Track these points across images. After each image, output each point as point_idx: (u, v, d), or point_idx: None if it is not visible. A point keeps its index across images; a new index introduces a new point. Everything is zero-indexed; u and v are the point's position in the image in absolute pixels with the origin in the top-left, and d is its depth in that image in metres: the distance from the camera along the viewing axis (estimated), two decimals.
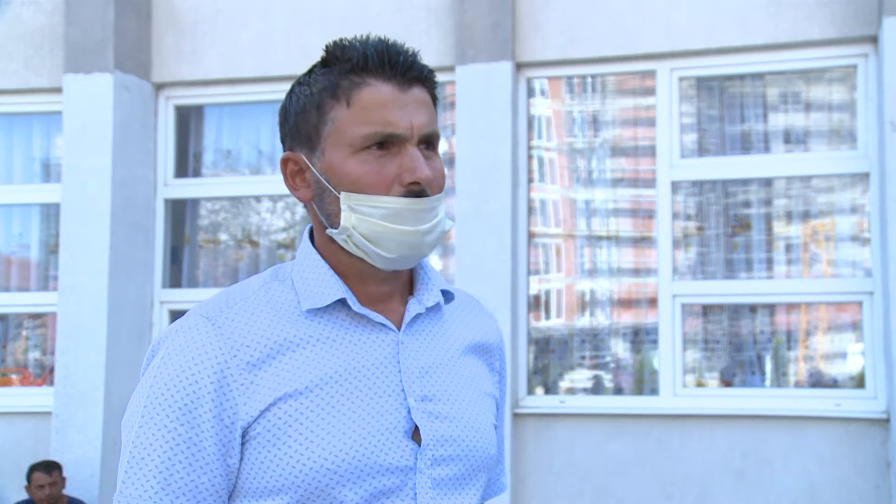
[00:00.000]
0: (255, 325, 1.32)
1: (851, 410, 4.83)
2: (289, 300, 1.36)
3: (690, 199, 5.30)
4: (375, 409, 1.32)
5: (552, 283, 5.55)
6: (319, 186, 1.36)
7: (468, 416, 1.40)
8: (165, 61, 5.81)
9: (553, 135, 5.59)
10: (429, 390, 1.37)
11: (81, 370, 5.38)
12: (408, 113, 1.33)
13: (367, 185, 1.32)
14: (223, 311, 1.33)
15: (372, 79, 1.33)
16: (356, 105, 1.32)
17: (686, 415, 5.01)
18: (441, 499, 1.34)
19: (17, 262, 6.11)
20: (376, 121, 1.32)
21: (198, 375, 1.29)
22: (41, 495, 5.04)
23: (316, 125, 1.35)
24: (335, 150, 1.34)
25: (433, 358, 1.40)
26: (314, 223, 1.42)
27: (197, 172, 5.99)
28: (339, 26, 5.54)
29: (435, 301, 1.43)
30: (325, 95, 1.34)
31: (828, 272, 5.15)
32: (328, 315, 1.36)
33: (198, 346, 1.30)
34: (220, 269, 6.01)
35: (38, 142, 6.08)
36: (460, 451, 1.37)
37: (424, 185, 1.33)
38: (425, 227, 1.34)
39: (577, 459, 5.10)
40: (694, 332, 5.22)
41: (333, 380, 1.31)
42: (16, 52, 5.86)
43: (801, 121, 5.21)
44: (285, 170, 1.40)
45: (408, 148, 1.33)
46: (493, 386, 1.52)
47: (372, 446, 1.30)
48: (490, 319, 1.57)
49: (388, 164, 1.33)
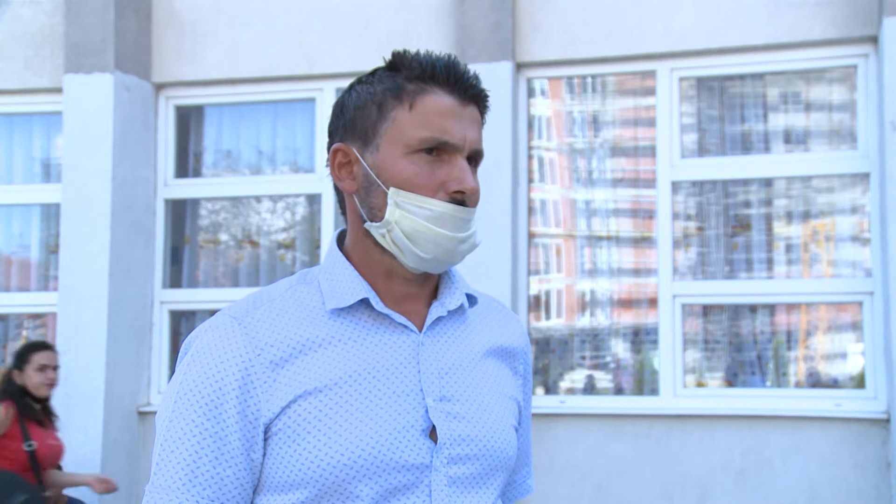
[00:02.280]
0: (280, 326, 1.38)
1: (851, 410, 4.83)
2: (314, 301, 1.42)
3: (690, 199, 5.30)
4: (393, 407, 1.36)
5: (552, 284, 5.55)
6: (367, 180, 1.41)
7: (486, 416, 1.43)
8: (165, 61, 5.81)
9: (553, 135, 5.59)
10: (447, 391, 1.41)
11: (81, 370, 5.39)
12: (464, 126, 1.41)
13: (416, 185, 1.38)
14: (250, 312, 1.39)
15: (436, 88, 1.40)
16: (418, 109, 1.39)
17: (686, 415, 5.01)
18: (456, 497, 1.37)
19: (17, 262, 6.11)
20: (435, 127, 1.38)
21: (224, 373, 1.34)
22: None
23: (375, 122, 1.41)
24: (390, 148, 1.39)
25: (453, 360, 1.44)
26: (350, 216, 1.46)
27: (197, 172, 5.99)
28: (340, 26, 5.54)
29: (458, 304, 1.47)
30: (388, 95, 1.40)
31: (828, 272, 5.15)
32: (352, 315, 1.41)
33: (224, 346, 1.36)
34: (220, 270, 6.01)
35: (38, 142, 6.08)
36: (477, 450, 1.40)
37: (468, 196, 1.40)
38: (463, 236, 1.40)
39: (577, 459, 5.10)
40: (694, 332, 5.22)
41: (353, 378, 1.36)
42: (16, 53, 5.86)
43: (801, 121, 5.21)
44: (334, 160, 1.45)
45: (458, 158, 1.40)
46: (517, 389, 1.56)
47: (388, 443, 1.33)
48: (516, 324, 1.61)
49: (438, 170, 1.39)
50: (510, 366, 1.55)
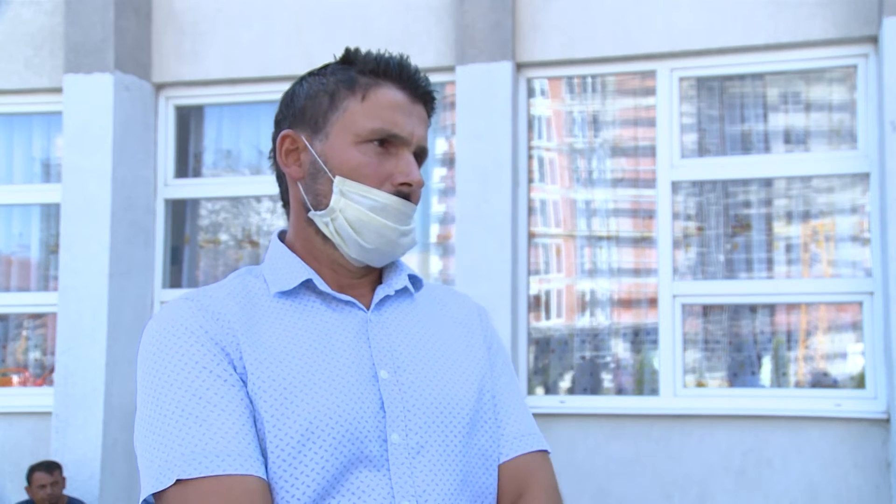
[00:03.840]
0: (230, 306, 1.38)
1: (851, 410, 4.83)
2: (260, 289, 1.43)
3: (690, 199, 5.29)
4: (346, 380, 1.35)
5: (552, 283, 5.55)
6: (314, 167, 1.43)
7: (440, 386, 1.42)
8: (165, 61, 5.81)
9: (553, 135, 5.58)
10: (400, 362, 1.41)
11: (81, 370, 5.38)
12: (412, 122, 1.44)
13: (363, 175, 1.41)
14: (200, 294, 1.40)
15: (389, 82, 1.44)
16: (370, 100, 1.42)
17: (686, 415, 5.01)
18: (416, 465, 1.35)
19: (17, 262, 6.11)
20: (386, 119, 1.41)
21: (191, 331, 1.33)
22: (42, 495, 5.03)
23: (326, 111, 1.43)
24: (340, 137, 1.42)
25: (403, 333, 1.45)
26: (294, 204, 1.48)
27: (197, 172, 5.99)
28: (339, 26, 5.54)
29: (402, 285, 1.49)
30: (341, 86, 1.43)
31: (828, 272, 5.15)
32: (297, 298, 1.42)
33: (182, 315, 1.35)
34: (220, 270, 6.00)
35: (38, 142, 6.08)
36: (432, 418, 1.39)
37: (413, 190, 1.43)
38: (405, 229, 1.43)
39: (577, 459, 5.09)
40: (694, 332, 5.22)
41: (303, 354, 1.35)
42: (16, 52, 5.86)
43: (801, 121, 5.21)
44: (281, 146, 1.46)
45: (405, 152, 1.43)
46: (478, 356, 1.51)
47: (342, 416, 1.31)
48: (464, 297, 1.61)
49: (385, 162, 1.42)
50: (465, 334, 1.53)
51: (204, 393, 1.28)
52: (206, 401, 1.28)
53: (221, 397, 1.28)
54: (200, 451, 1.25)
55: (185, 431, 1.26)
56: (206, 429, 1.26)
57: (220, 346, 1.32)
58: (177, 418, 1.27)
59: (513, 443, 1.50)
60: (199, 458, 1.24)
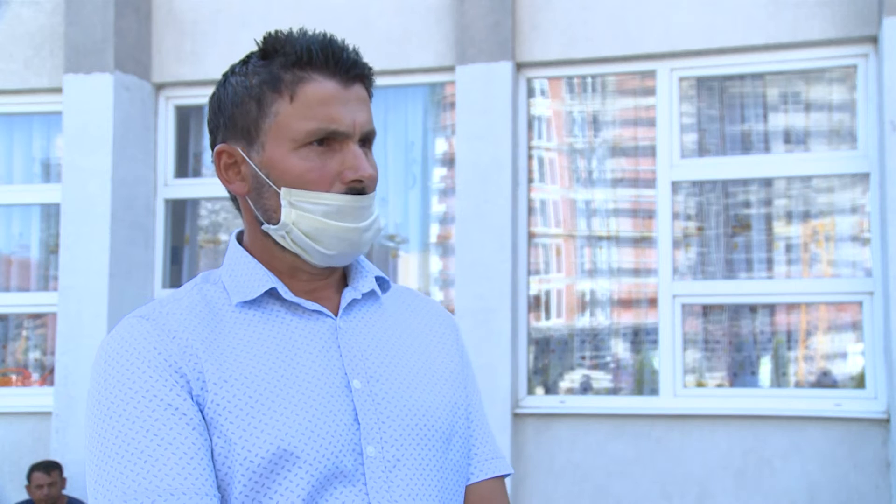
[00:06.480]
0: (189, 320, 1.29)
1: (851, 410, 4.83)
2: (220, 298, 1.34)
3: (690, 199, 5.30)
4: (318, 393, 1.28)
5: (552, 284, 5.55)
6: (257, 181, 1.34)
7: (415, 394, 1.36)
8: (165, 61, 5.81)
9: (553, 135, 5.58)
10: (372, 371, 1.34)
11: (81, 370, 5.38)
12: (350, 110, 1.32)
13: (308, 181, 1.31)
14: (156, 310, 1.31)
15: (316, 74, 1.32)
16: (300, 100, 1.31)
17: (686, 415, 5.01)
18: (393, 478, 1.29)
19: (17, 262, 6.11)
20: (321, 116, 1.31)
21: (144, 352, 1.25)
22: (41, 495, 5.04)
23: (255, 118, 1.33)
24: (276, 145, 1.32)
25: (374, 340, 1.38)
26: (246, 218, 1.40)
27: (197, 172, 5.99)
28: (339, 27, 5.51)
29: (370, 287, 1.41)
30: (266, 88, 1.32)
31: (828, 272, 5.15)
32: (261, 308, 1.34)
33: (135, 337, 1.26)
34: None
35: (38, 142, 6.08)
36: (408, 429, 1.33)
37: (366, 183, 1.33)
38: (365, 224, 1.34)
39: (577, 459, 5.10)
40: (694, 332, 5.22)
41: (271, 367, 1.28)
42: (16, 52, 5.86)
43: (801, 121, 5.20)
44: (219, 162, 1.38)
45: (350, 145, 1.33)
46: (452, 364, 1.46)
47: (315, 431, 1.25)
48: (433, 303, 1.55)
49: (330, 161, 1.32)
50: (438, 343, 1.46)
51: (152, 425, 1.20)
52: (153, 433, 1.20)
53: (170, 429, 1.20)
54: (144, 490, 1.17)
55: (130, 468, 1.18)
56: (152, 465, 1.18)
57: (176, 370, 1.24)
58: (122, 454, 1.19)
59: (484, 464, 1.45)
60: (141, 497, 1.17)
